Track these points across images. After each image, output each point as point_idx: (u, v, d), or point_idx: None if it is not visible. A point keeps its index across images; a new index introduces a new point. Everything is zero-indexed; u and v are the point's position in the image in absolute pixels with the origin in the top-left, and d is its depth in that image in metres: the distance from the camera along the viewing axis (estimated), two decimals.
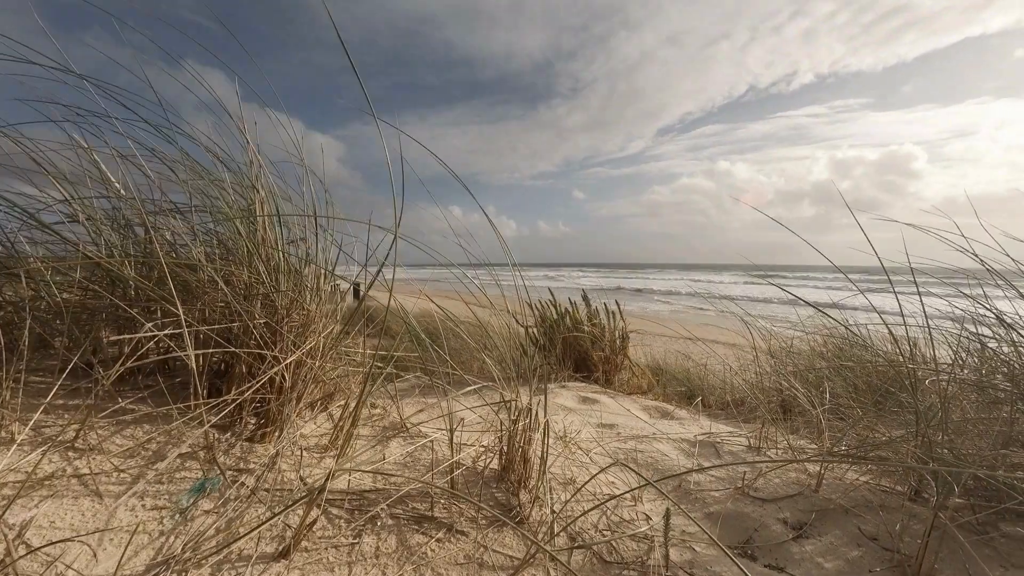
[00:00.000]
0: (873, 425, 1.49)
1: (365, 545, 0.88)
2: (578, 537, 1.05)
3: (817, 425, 1.84)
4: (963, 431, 1.26)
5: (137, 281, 1.03)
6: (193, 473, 0.92)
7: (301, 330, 1.24)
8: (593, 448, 1.66)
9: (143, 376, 1.18)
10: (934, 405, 1.29)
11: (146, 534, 0.76)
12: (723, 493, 1.33)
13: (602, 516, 1.14)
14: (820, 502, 1.24)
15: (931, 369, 1.41)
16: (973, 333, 1.46)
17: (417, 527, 0.96)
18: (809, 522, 1.16)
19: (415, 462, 1.25)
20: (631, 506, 1.22)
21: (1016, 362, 1.32)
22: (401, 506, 1.00)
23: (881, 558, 1.00)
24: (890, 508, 1.17)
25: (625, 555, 1.02)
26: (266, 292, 1.10)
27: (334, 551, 0.85)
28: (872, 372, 2.01)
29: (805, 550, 1.06)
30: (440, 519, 0.99)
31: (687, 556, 1.05)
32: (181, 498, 0.83)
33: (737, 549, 1.09)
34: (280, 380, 1.09)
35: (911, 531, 1.07)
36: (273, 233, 1.17)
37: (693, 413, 2.65)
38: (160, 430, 0.99)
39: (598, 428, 1.98)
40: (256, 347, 1.09)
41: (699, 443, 1.77)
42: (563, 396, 2.74)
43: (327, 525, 0.91)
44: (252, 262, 1.10)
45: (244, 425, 1.12)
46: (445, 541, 0.94)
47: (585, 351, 3.64)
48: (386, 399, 1.71)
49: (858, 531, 1.11)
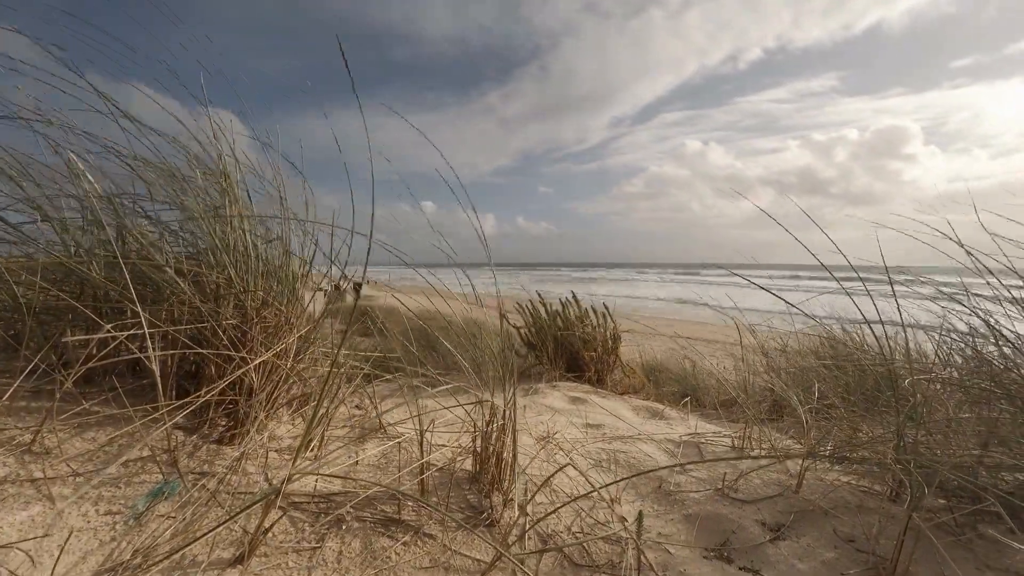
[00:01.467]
0: (856, 425, 1.47)
1: (328, 549, 0.86)
2: (550, 540, 1.04)
3: (804, 425, 1.83)
4: (946, 431, 1.24)
5: (100, 282, 1.01)
6: (154, 477, 0.90)
7: (274, 331, 1.23)
8: (575, 449, 1.65)
9: (113, 377, 1.16)
10: (916, 404, 1.27)
11: (97, 540, 0.75)
12: (703, 494, 1.31)
13: (577, 518, 1.13)
14: (800, 503, 1.22)
15: (916, 369, 1.39)
16: (959, 333, 1.45)
17: (384, 530, 0.95)
18: (787, 524, 1.15)
19: (388, 463, 1.24)
20: (608, 508, 1.21)
21: (999, 362, 1.30)
22: (369, 509, 0.99)
23: (857, 560, 0.99)
24: (869, 509, 1.15)
25: (597, 558, 1.00)
26: (236, 293, 1.09)
27: (295, 555, 0.83)
28: (866, 372, 2.00)
29: (781, 552, 1.05)
30: (408, 522, 0.98)
31: (661, 558, 1.03)
32: (137, 502, 0.81)
33: (714, 551, 1.08)
34: (249, 381, 1.07)
35: (888, 532, 1.05)
36: (244, 237, 1.15)
37: (684, 413, 2.63)
38: (123, 433, 0.97)
39: (584, 429, 1.97)
40: (224, 348, 1.07)
41: (683, 443, 1.75)
42: (552, 396, 2.72)
43: (290, 529, 0.89)
44: (220, 262, 1.09)
45: (213, 427, 1.10)
46: (411, 544, 0.92)
47: (577, 351, 3.63)
48: (375, 399, 1.69)
49: (836, 533, 1.09)
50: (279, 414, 1.35)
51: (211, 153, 1.22)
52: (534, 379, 3.61)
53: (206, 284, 1.14)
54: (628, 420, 2.28)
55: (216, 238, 1.08)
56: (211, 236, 1.08)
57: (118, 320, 1.05)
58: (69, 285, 1.14)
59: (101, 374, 1.15)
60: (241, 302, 1.10)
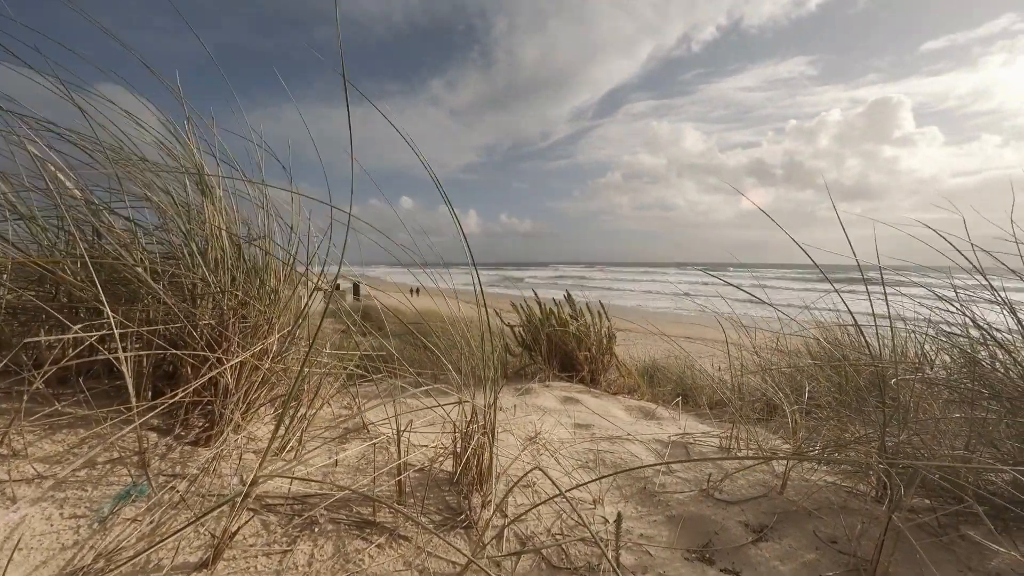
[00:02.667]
0: (843, 425, 1.46)
1: (299, 552, 0.85)
2: (529, 541, 1.02)
3: (793, 425, 1.82)
4: (934, 431, 1.23)
5: (72, 282, 1.00)
6: (123, 479, 0.89)
7: (253, 331, 1.21)
8: (562, 450, 1.63)
9: (81, 379, 1.15)
10: (901, 404, 1.26)
11: (59, 543, 0.73)
12: (687, 495, 1.30)
13: (557, 520, 1.11)
14: (784, 504, 1.21)
15: (903, 368, 1.38)
16: (946, 332, 1.44)
17: (358, 532, 0.93)
18: (771, 525, 1.14)
19: (368, 464, 1.22)
20: (591, 509, 1.20)
21: (987, 362, 1.29)
22: (344, 510, 0.97)
23: (838, 561, 0.98)
24: (852, 510, 1.14)
25: (576, 560, 0.99)
26: (212, 293, 1.07)
27: (264, 559, 0.82)
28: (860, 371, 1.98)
29: (763, 553, 1.03)
30: (383, 524, 0.96)
31: (642, 560, 1.02)
32: (103, 505, 0.80)
33: (695, 552, 1.06)
34: (225, 382, 1.06)
35: (871, 533, 1.04)
36: (220, 235, 1.14)
37: (677, 413, 2.62)
38: (92, 434, 0.96)
39: (574, 429, 1.95)
40: (200, 349, 1.06)
41: (672, 444, 1.74)
42: (545, 396, 2.71)
43: (262, 531, 0.88)
44: (196, 262, 1.07)
45: (189, 428, 1.09)
46: (386, 547, 0.91)
47: (571, 351, 3.61)
48: (358, 399, 1.68)
49: (819, 534, 1.08)
50: (260, 415, 1.34)
51: (180, 146, 1.20)
52: (528, 379, 3.59)
53: (184, 284, 1.13)
54: (619, 420, 2.26)
55: (190, 237, 1.07)
56: (184, 234, 1.07)
57: (95, 320, 1.03)
58: (45, 286, 1.13)
59: (76, 375, 1.14)
60: (218, 302, 1.09)
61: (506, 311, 4.07)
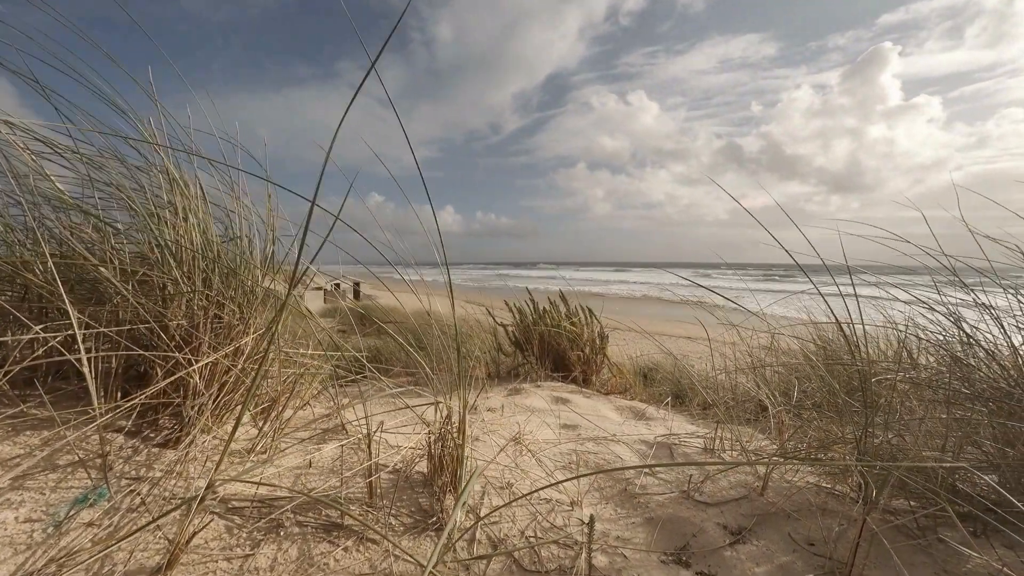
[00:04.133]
0: (826, 426, 1.45)
1: (262, 556, 0.83)
2: (501, 544, 1.01)
3: (778, 425, 1.80)
4: (917, 432, 1.22)
5: (33, 281, 0.98)
6: (84, 482, 0.87)
7: (226, 331, 1.20)
8: (546, 451, 1.62)
9: (58, 379, 1.14)
10: (883, 405, 1.24)
11: (12, 548, 0.72)
12: (667, 497, 1.29)
13: (532, 522, 1.10)
14: (763, 505, 1.20)
15: (884, 368, 1.37)
16: (929, 333, 1.42)
17: (325, 535, 0.92)
18: (749, 526, 1.12)
19: (343, 465, 1.21)
20: (568, 511, 1.18)
21: (971, 361, 1.28)
22: (311, 513, 0.96)
23: (813, 563, 0.96)
24: (831, 511, 1.13)
25: (548, 563, 0.97)
26: (182, 293, 1.06)
27: (225, 563, 0.80)
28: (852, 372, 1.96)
29: (739, 556, 1.02)
30: (351, 526, 0.95)
31: (617, 562, 1.00)
32: (60, 509, 0.79)
33: (672, 555, 1.05)
34: (194, 383, 1.05)
35: (849, 535, 1.02)
36: (191, 233, 1.12)
37: (669, 413, 2.60)
38: (54, 435, 0.95)
39: (561, 430, 1.94)
40: (170, 349, 1.04)
41: (657, 445, 1.73)
42: (535, 396, 2.69)
43: (225, 535, 0.87)
44: (165, 261, 1.06)
45: (159, 430, 1.08)
46: (352, 550, 0.90)
47: (564, 350, 3.60)
48: (338, 400, 1.66)
49: (797, 535, 1.07)
50: (235, 416, 1.33)
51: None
52: (521, 379, 3.58)
53: (156, 284, 1.12)
54: (609, 421, 2.25)
55: (157, 236, 1.05)
56: (152, 233, 1.05)
57: (64, 321, 1.02)
58: (13, 286, 1.12)
59: (45, 376, 1.13)
60: (189, 302, 1.07)
61: (499, 309, 4.05)
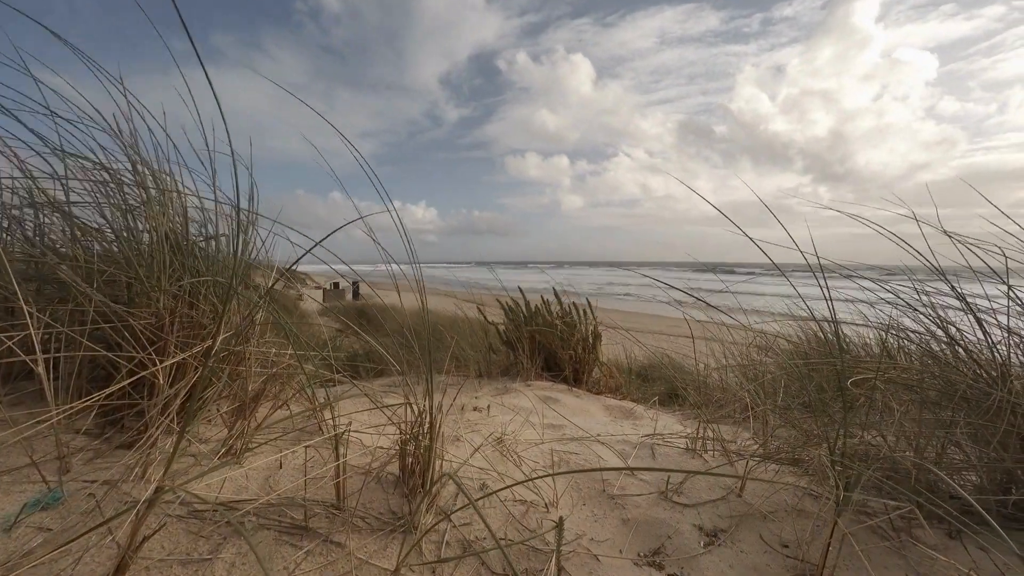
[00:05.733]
0: (807, 426, 1.43)
1: (220, 561, 0.82)
2: (472, 546, 0.99)
3: (763, 424, 1.79)
4: (897, 431, 1.20)
5: None
6: (39, 485, 0.85)
7: (196, 330, 1.18)
8: (529, 451, 1.60)
9: (25, 379, 1.12)
10: (857, 404, 1.23)
11: None
12: (646, 498, 1.27)
13: (505, 524, 1.08)
14: (741, 506, 1.18)
15: (863, 367, 1.35)
16: (910, 332, 1.41)
17: (289, 539, 0.90)
18: (725, 528, 1.11)
19: (317, 466, 1.19)
20: (543, 513, 1.17)
21: (950, 359, 1.26)
22: (276, 515, 0.94)
23: (786, 565, 0.95)
24: (808, 513, 1.11)
25: (518, 565, 0.96)
26: (147, 291, 1.04)
27: (180, 568, 0.79)
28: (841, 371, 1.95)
29: (713, 558, 1.01)
30: (317, 529, 0.93)
31: (589, 565, 0.99)
32: (9, 514, 0.77)
33: (645, 557, 1.03)
34: (159, 385, 1.03)
35: (823, 537, 1.01)
36: (158, 229, 1.10)
37: (658, 413, 2.59)
38: (13, 433, 0.93)
39: (546, 430, 1.92)
40: (136, 349, 1.03)
41: (639, 445, 1.71)
42: (524, 396, 2.67)
43: (184, 539, 0.85)
44: (128, 258, 1.04)
45: (125, 432, 1.06)
46: (316, 553, 0.88)
47: (555, 350, 3.58)
48: (314, 400, 1.64)
49: (772, 537, 1.05)
50: (207, 416, 1.31)
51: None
52: (512, 378, 3.56)
53: (123, 283, 1.10)
54: (597, 421, 2.23)
55: (122, 233, 1.03)
56: (114, 232, 1.03)
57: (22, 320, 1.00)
58: None
59: (15, 377, 1.11)
60: (154, 302, 1.05)
61: (491, 307, 4.04)
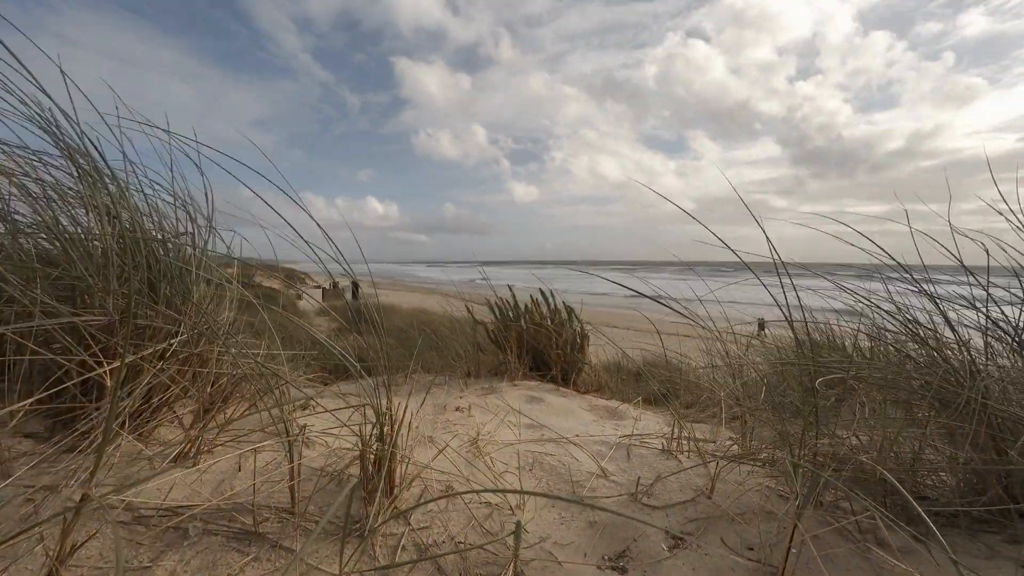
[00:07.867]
0: (780, 426, 1.42)
1: (161, 569, 0.79)
2: (429, 550, 0.97)
3: (742, 424, 1.77)
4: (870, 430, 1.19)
5: None
6: None
7: (152, 333, 1.15)
8: (503, 452, 1.58)
9: None
10: (827, 405, 1.21)
11: None
12: (615, 500, 1.25)
13: (466, 527, 1.06)
14: (709, 508, 1.16)
15: (837, 368, 1.34)
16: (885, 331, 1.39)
17: (236, 545, 0.88)
18: (691, 531, 1.09)
19: (276, 469, 1.17)
20: (509, 516, 1.14)
21: (923, 359, 1.25)
22: (224, 521, 0.92)
23: (749, 568, 0.93)
24: (775, 514, 1.10)
25: (476, 571, 0.93)
26: (96, 292, 1.01)
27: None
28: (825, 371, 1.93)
29: (677, 561, 0.99)
30: (267, 535, 0.91)
31: (549, 570, 0.97)
32: None
33: (609, 561, 1.01)
34: (111, 386, 1.00)
35: (787, 539, 0.99)
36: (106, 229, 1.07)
37: (645, 412, 2.57)
38: None
39: (525, 430, 1.90)
40: (83, 352, 1.00)
41: (616, 445, 1.69)
42: (510, 395, 2.65)
43: (124, 546, 0.82)
44: (71, 259, 1.01)
45: (77, 436, 1.03)
46: (263, 560, 0.85)
47: (543, 349, 3.56)
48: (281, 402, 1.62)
49: (738, 540, 1.03)
50: (168, 420, 1.28)
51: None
52: (499, 377, 3.54)
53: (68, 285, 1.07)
54: (580, 420, 2.21)
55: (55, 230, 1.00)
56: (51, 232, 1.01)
57: None
58: None
59: None
60: (102, 303, 1.03)
61: (480, 306, 4.01)
